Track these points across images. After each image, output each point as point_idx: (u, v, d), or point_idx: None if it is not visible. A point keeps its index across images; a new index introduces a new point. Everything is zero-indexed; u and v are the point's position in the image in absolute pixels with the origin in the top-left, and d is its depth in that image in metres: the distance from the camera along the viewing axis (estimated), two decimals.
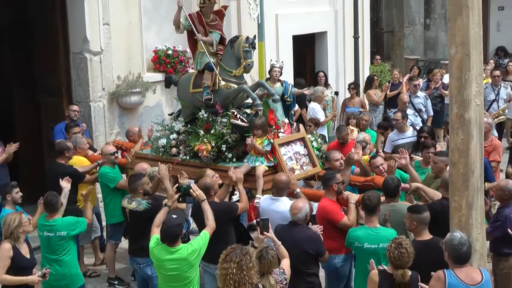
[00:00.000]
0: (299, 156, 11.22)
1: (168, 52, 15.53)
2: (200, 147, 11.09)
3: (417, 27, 29.21)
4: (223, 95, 11.35)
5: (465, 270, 7.20)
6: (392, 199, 9.64)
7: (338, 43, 19.99)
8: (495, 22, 27.83)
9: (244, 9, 16.29)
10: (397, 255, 7.69)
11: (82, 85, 14.60)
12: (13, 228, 8.70)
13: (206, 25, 11.65)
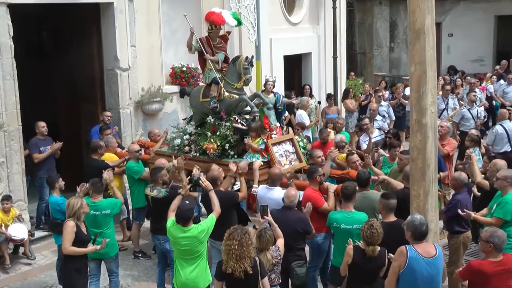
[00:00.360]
0: (288, 153, 11.31)
1: (182, 69, 15.48)
2: (208, 145, 11.15)
3: (384, 49, 29.14)
4: (227, 103, 11.41)
5: (422, 245, 7.16)
6: (364, 188, 9.64)
7: (320, 61, 19.98)
8: (446, 46, 27.75)
9: (244, 34, 16.28)
10: (369, 234, 7.70)
11: (113, 95, 14.57)
12: (76, 209, 8.74)
13: (213, 47, 11.67)
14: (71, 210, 8.77)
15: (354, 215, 8.92)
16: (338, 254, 8.83)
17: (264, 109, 11.69)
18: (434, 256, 7.16)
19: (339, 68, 20.15)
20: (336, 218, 8.99)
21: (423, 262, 7.07)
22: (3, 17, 12.09)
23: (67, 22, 14.80)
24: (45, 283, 11.11)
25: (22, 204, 12.73)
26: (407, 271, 7.07)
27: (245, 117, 11.48)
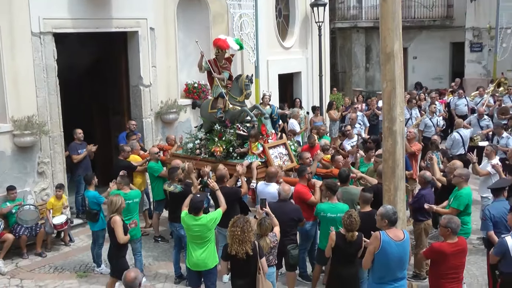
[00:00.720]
0: (282, 155, 11.28)
1: (194, 85, 15.41)
2: (215, 149, 11.14)
3: (360, 69, 29.14)
4: (231, 114, 11.40)
5: (393, 230, 7.20)
6: (344, 184, 9.72)
7: (308, 79, 19.96)
8: (411, 67, 27.78)
9: (246, 56, 16.30)
10: (349, 222, 7.74)
11: (138, 107, 14.51)
12: (119, 205, 8.78)
13: (219, 67, 11.69)
14: (115, 207, 8.80)
15: (337, 206, 8.97)
16: (324, 239, 8.88)
17: (262, 119, 11.59)
18: (403, 240, 7.19)
19: (324, 84, 20.07)
20: (323, 208, 9.02)
21: (394, 244, 7.09)
22: (49, 43, 12.21)
23: (101, 47, 14.81)
24: (82, 261, 11.17)
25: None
26: (381, 252, 7.09)
27: (246, 125, 11.44)
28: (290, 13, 19.34)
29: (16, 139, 11.74)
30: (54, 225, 11.54)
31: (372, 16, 27.92)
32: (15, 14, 11.60)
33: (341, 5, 29.01)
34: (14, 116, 11.67)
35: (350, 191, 9.58)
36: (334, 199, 9.06)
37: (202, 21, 15.80)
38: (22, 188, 11.79)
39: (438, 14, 27.59)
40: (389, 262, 7.09)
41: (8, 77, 11.57)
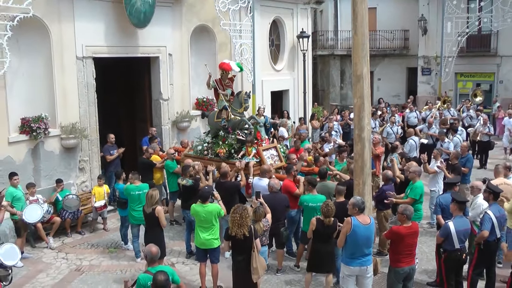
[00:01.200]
0: (273, 156, 11.41)
1: (203, 100, 15.41)
2: (219, 150, 11.25)
3: (336, 88, 29.06)
4: (232, 123, 11.50)
5: (362, 216, 7.23)
6: (323, 179, 9.74)
7: (295, 95, 19.93)
8: (376, 86, 27.78)
9: (245, 76, 16.23)
10: (326, 210, 7.84)
11: (158, 117, 14.51)
12: (157, 198, 8.58)
13: (224, 85, 11.78)
14: (154, 199, 8.53)
15: (317, 197, 9.00)
16: (306, 223, 8.90)
17: (257, 127, 11.71)
18: (369, 224, 7.24)
19: (307, 99, 20.03)
20: (305, 199, 9.05)
21: (362, 227, 7.15)
22: (89, 65, 12.29)
23: (129, 68, 14.80)
24: (112, 240, 11.18)
25: None
26: (352, 233, 7.13)
27: (245, 131, 11.51)
28: (281, 43, 19.31)
29: (63, 141, 11.80)
30: (95, 207, 11.46)
31: (346, 46, 27.79)
32: (65, 43, 11.73)
33: (321, 37, 28.89)
34: (62, 123, 11.74)
35: (327, 185, 9.60)
36: (314, 191, 9.07)
37: (210, 49, 15.83)
38: (67, 181, 11.81)
39: (397, 45, 27.67)
40: (358, 242, 7.13)
41: (58, 92, 11.67)
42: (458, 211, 7.82)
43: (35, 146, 11.35)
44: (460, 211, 7.84)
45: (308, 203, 8.96)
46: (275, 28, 18.99)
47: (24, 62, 11.23)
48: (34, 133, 11.07)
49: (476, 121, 17.83)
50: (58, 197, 11.23)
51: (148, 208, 8.60)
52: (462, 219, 7.81)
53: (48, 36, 11.41)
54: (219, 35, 15.65)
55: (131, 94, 15.31)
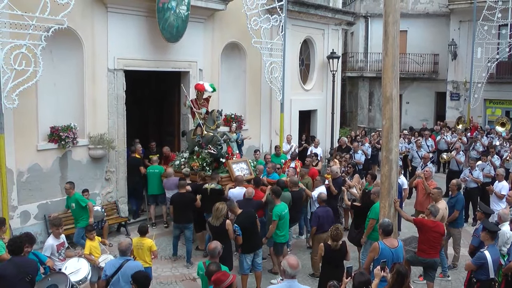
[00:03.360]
0: (243, 170, 11.85)
1: (231, 116, 15.24)
2: (193, 164, 11.78)
3: (364, 110, 28.89)
4: (206, 139, 12.04)
5: (389, 240, 7.18)
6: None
7: (323, 115, 19.69)
8: (404, 110, 27.45)
9: (274, 95, 16.19)
10: (335, 233, 7.65)
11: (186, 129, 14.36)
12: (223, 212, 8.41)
13: (199, 104, 12.41)
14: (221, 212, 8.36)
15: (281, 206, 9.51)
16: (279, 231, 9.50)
17: (229, 142, 12.25)
18: (397, 247, 7.18)
19: (335, 120, 19.79)
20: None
21: (390, 251, 7.07)
22: (120, 78, 12.29)
23: (160, 82, 14.80)
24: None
25: (124, 199, 12.69)
26: (380, 257, 7.00)
27: (217, 146, 11.86)
28: (311, 62, 19.18)
29: (90, 151, 11.76)
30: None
31: (375, 68, 27.65)
32: (97, 55, 11.76)
33: (351, 59, 28.86)
34: (90, 133, 11.73)
35: (284, 195, 9.97)
36: (278, 200, 9.52)
37: (240, 65, 15.78)
38: (93, 190, 11.78)
39: (426, 69, 27.28)
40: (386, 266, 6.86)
41: (88, 103, 11.67)
42: (490, 240, 7.62)
43: (63, 155, 11.33)
44: (492, 240, 7.64)
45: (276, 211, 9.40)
46: (305, 48, 18.91)
47: (56, 72, 11.26)
48: (62, 142, 11.06)
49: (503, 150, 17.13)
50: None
51: (216, 221, 8.37)
52: (494, 248, 7.63)
53: (81, 47, 11.45)
54: (250, 52, 15.58)
55: (160, 108, 15.25)
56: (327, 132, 19.67)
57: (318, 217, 9.59)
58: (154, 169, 12.39)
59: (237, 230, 8.47)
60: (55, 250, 8.04)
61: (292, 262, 5.82)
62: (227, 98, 15.36)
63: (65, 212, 10.94)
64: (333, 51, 18.98)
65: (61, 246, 8.19)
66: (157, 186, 12.36)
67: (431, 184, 11.19)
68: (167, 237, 11.72)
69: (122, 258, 7.11)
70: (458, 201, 10.28)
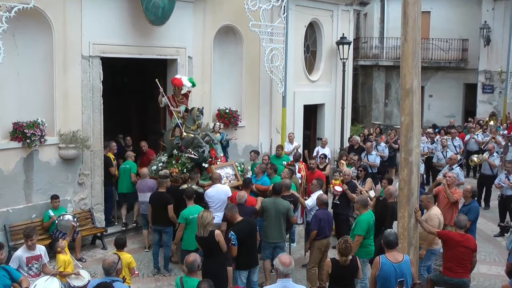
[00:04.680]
0: (229, 175, 12.07)
1: (226, 111, 15.26)
2: (172, 170, 11.80)
3: (380, 104, 28.88)
4: (185, 141, 12.15)
5: (392, 254, 7.21)
6: (276, 195, 10.17)
7: (331, 111, 19.65)
8: (427, 104, 27.42)
9: (274, 87, 16.15)
10: (344, 247, 7.49)
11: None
12: (209, 220, 8.35)
13: (177, 102, 12.43)
14: (206, 221, 8.30)
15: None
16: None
17: (212, 144, 12.54)
18: (401, 261, 7.17)
19: (346, 116, 19.74)
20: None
21: (393, 266, 7.08)
22: (96, 66, 12.26)
23: (142, 72, 14.76)
24: None
25: (100, 207, 12.67)
26: (381, 274, 7.08)
27: (198, 150, 12.00)
28: (317, 49, 19.15)
29: (61, 151, 11.70)
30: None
31: (393, 55, 27.70)
32: (69, 39, 11.70)
33: (364, 45, 28.86)
34: (61, 130, 11.67)
35: (278, 201, 10.06)
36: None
37: (236, 53, 15.73)
38: (63, 197, 11.73)
39: (453, 57, 27.24)
40: (389, 283, 7.02)
41: (58, 95, 11.60)
42: None
43: (28, 155, 11.24)
44: None
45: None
46: (311, 32, 18.86)
47: (20, 59, 11.17)
48: (27, 140, 10.95)
49: None
50: (50, 214, 11.11)
51: (203, 231, 8.27)
52: None
53: (50, 30, 11.36)
54: (247, 37, 15.54)
55: (143, 101, 15.21)
56: (336, 130, 19.65)
57: (319, 220, 9.59)
58: (126, 164, 12.96)
59: (232, 238, 8.45)
60: (23, 263, 8.06)
61: (284, 260, 6.33)
62: (221, 91, 15.32)
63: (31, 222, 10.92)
64: (343, 35, 18.95)
65: (33, 259, 8.18)
66: (125, 184, 12.84)
67: (455, 192, 11.10)
68: (149, 252, 11.68)
69: (107, 278, 6.84)
70: (471, 210, 10.31)
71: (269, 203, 9.97)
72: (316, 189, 11.07)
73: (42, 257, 8.29)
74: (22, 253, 8.11)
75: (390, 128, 23.26)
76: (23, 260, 8.04)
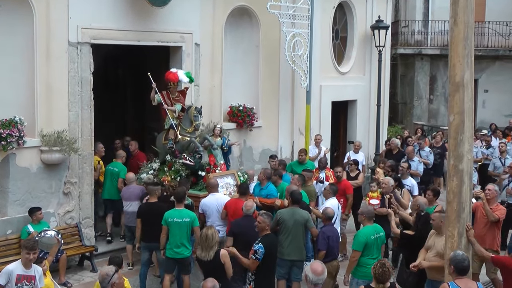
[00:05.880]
0: (229, 185, 12.33)
1: (239, 108, 15.28)
2: (164, 178, 12.08)
3: (423, 100, 28.79)
4: (180, 145, 12.46)
5: (463, 281, 7.16)
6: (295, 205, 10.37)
7: (365, 108, 19.70)
8: (481, 101, 27.18)
9: (297, 80, 16.18)
10: (381, 272, 7.30)
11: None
12: (216, 239, 8.60)
13: (172, 99, 12.65)
14: (212, 240, 8.51)
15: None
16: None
17: (211, 149, 12.75)
18: None
19: (382, 115, 19.73)
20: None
21: None
22: (86, 55, 12.32)
23: (141, 61, 14.83)
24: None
25: (89, 221, 12.70)
26: None
27: (195, 155, 12.34)
28: (348, 35, 19.19)
29: (43, 155, 11.72)
30: None
31: (439, 42, 27.74)
32: (53, 23, 11.72)
33: (404, 29, 28.87)
34: (43, 131, 11.69)
35: (296, 211, 10.25)
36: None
37: (251, 39, 15.76)
38: (46, 209, 11.72)
39: None
40: None
41: (40, 88, 11.63)
42: None
43: (3, 159, 11.27)
44: None
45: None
46: (341, 15, 18.93)
47: None
48: (2, 142, 10.98)
49: None
50: (29, 229, 11.09)
51: (207, 254, 8.39)
52: None
53: (31, 12, 11.37)
54: (264, 21, 15.56)
55: (141, 96, 15.21)
56: (371, 131, 19.70)
57: (327, 238, 9.84)
58: (114, 166, 13.36)
59: (259, 252, 8.60)
60: (13, 280, 8.03)
61: (316, 267, 6.82)
62: (233, 84, 15.38)
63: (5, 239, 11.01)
64: (379, 18, 19.05)
65: (25, 279, 8.14)
66: (114, 189, 13.14)
67: (496, 209, 10.76)
68: (133, 269, 11.90)
69: None
70: None
71: (287, 214, 10.13)
72: (329, 195, 11.49)
73: (36, 280, 8.21)
74: (13, 268, 8.09)
75: (435, 129, 23.10)
76: (13, 277, 8.01)
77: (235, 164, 14.99)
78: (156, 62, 14.52)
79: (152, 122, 15.33)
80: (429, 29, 28.17)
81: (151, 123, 15.34)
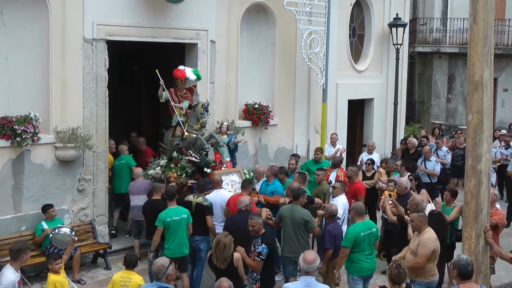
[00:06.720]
0: (234, 183, 12.48)
1: (255, 106, 15.27)
2: (170, 175, 12.23)
3: (441, 100, 28.67)
4: (187, 142, 12.65)
5: (468, 285, 7.03)
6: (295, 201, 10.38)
7: (382, 107, 19.65)
8: (501, 100, 27.02)
9: (313, 77, 16.20)
10: (397, 273, 7.18)
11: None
12: (232, 249, 8.54)
13: (180, 97, 12.81)
14: (229, 250, 8.46)
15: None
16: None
17: (217, 147, 12.97)
18: None
19: (399, 114, 19.70)
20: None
21: None
22: (101, 51, 12.37)
23: (156, 59, 14.81)
24: None
25: (103, 218, 12.73)
26: None
27: (200, 152, 12.53)
28: (366, 32, 19.15)
29: (57, 152, 11.76)
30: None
31: (458, 41, 27.62)
32: (69, 19, 11.75)
33: (422, 27, 28.76)
34: (58, 127, 11.74)
35: (295, 209, 10.22)
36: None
37: (267, 36, 15.76)
38: (60, 206, 11.80)
39: None
40: None
41: (55, 85, 11.66)
42: None
43: (18, 156, 11.33)
44: None
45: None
46: (358, 12, 18.91)
47: (9, 42, 11.26)
48: (17, 139, 11.04)
49: None
50: (43, 226, 11.13)
51: (223, 263, 8.39)
52: None
53: (46, 8, 11.41)
54: (281, 18, 15.57)
55: (157, 93, 15.21)
56: (388, 130, 19.66)
57: (334, 236, 9.85)
58: (121, 160, 13.47)
59: (264, 253, 8.63)
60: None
61: (308, 256, 7.22)
62: (249, 82, 15.37)
63: (20, 236, 10.98)
64: (397, 16, 19.00)
65: (19, 284, 8.05)
66: (125, 182, 13.14)
67: (495, 213, 10.44)
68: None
69: (156, 284, 7.43)
70: None
71: (286, 210, 10.23)
72: (339, 192, 11.53)
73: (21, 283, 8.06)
74: (14, 278, 7.78)
75: (453, 128, 22.94)
76: (16, 286, 7.83)
77: (250, 162, 15.04)
78: (171, 59, 14.47)
79: (165, 120, 15.19)
80: (447, 27, 28.09)
81: (164, 120, 15.26)
